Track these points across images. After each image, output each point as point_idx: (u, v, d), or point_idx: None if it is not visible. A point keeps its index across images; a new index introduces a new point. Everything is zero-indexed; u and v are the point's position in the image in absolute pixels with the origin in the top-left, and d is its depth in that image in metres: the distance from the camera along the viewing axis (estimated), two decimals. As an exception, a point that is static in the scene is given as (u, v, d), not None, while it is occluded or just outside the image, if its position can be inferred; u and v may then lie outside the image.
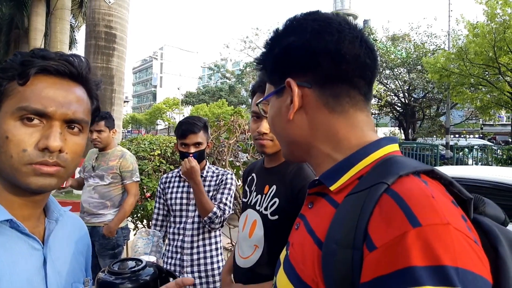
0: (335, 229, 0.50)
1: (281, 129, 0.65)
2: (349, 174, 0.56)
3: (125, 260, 1.07)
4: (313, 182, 0.64)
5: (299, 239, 0.62)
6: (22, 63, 0.61)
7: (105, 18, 5.45)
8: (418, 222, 0.41)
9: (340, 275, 0.47)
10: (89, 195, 2.67)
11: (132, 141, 3.93)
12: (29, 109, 0.59)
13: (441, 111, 20.40)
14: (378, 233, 0.44)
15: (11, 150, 0.58)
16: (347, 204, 0.52)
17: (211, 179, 1.96)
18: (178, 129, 1.90)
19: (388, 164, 0.53)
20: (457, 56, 11.62)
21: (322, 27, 0.59)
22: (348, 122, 0.60)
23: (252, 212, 1.28)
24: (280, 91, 0.63)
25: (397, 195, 0.45)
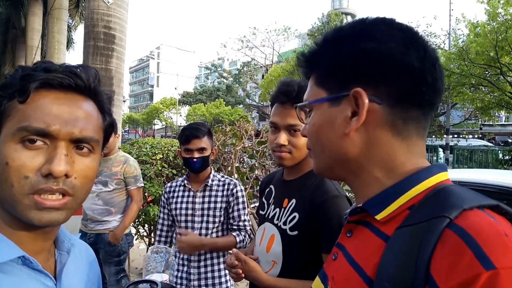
0: (388, 267, 0.45)
1: (330, 142, 0.57)
2: (398, 202, 0.51)
3: (139, 283, 1.01)
4: (354, 209, 0.57)
5: (341, 273, 0.56)
6: (23, 78, 0.53)
7: (104, 18, 5.37)
8: (492, 264, 0.36)
9: None
10: (93, 202, 2.62)
11: (133, 145, 3.87)
12: (30, 129, 0.51)
13: (440, 111, 20.46)
14: (442, 274, 0.39)
15: (12, 178, 0.50)
16: (401, 237, 0.46)
17: (217, 188, 1.89)
18: (182, 135, 1.84)
19: (445, 194, 0.47)
20: (458, 56, 11.62)
21: (409, 39, 0.53)
22: (409, 149, 0.54)
23: (270, 226, 1.23)
24: (338, 99, 0.55)
25: (463, 231, 0.40)
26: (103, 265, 2.65)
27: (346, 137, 0.55)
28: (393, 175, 0.54)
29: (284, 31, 26.54)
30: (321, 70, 0.59)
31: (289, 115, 1.16)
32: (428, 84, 0.52)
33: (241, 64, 31.27)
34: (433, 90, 0.53)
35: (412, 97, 0.53)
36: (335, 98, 0.56)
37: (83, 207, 2.67)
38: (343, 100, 0.55)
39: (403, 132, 0.53)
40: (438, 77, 0.53)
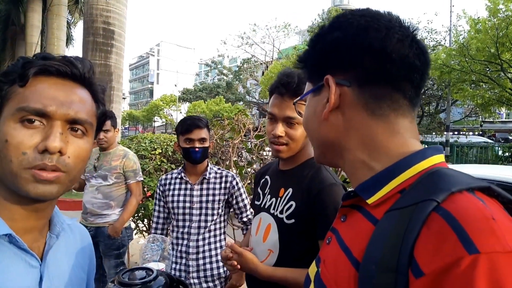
0: (375, 249, 0.46)
1: (314, 129, 0.62)
2: (389, 186, 0.51)
3: (135, 270, 1.01)
4: (348, 193, 0.58)
5: (332, 256, 0.57)
6: (23, 66, 0.58)
7: (103, 14, 5.37)
8: (475, 248, 0.36)
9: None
10: (92, 196, 2.63)
11: (133, 140, 3.88)
12: (28, 109, 0.55)
13: (440, 108, 20.42)
14: (425, 257, 0.39)
15: (11, 154, 0.54)
16: (388, 221, 0.46)
17: (215, 181, 1.90)
18: (183, 124, 1.84)
19: (436, 177, 0.47)
20: (459, 52, 11.56)
21: (369, 22, 0.55)
22: (388, 127, 0.55)
23: (266, 215, 1.23)
24: (318, 89, 0.60)
25: (450, 215, 0.40)
26: (103, 258, 2.66)
27: (325, 122, 0.58)
28: (378, 157, 0.54)
29: (284, 27, 26.47)
30: (308, 67, 0.64)
31: (288, 107, 1.16)
32: (394, 61, 0.53)
33: (241, 61, 31.20)
34: (403, 65, 0.53)
35: (378, 76, 0.54)
36: (315, 89, 0.61)
37: (83, 200, 2.69)
38: (322, 89, 0.59)
39: (376, 110, 0.54)
40: (409, 52, 0.53)
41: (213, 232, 1.87)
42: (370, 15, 0.56)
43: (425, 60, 0.55)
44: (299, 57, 0.66)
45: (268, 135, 1.23)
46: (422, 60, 0.54)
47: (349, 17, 0.57)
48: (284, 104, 1.17)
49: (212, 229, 1.87)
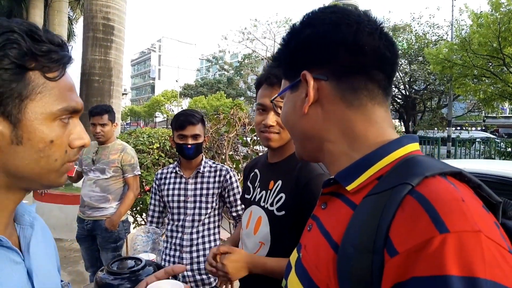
0: (353, 232, 0.48)
1: (294, 124, 0.63)
2: (368, 173, 0.53)
3: (124, 259, 1.04)
4: (327, 181, 0.60)
5: (312, 241, 0.59)
6: (44, 53, 0.51)
7: (103, 10, 5.37)
8: (445, 228, 0.38)
9: (357, 280, 0.44)
10: (90, 189, 2.66)
11: (131, 134, 3.90)
12: (70, 109, 0.55)
13: (442, 103, 20.25)
14: (400, 237, 0.41)
15: (56, 154, 0.54)
16: (366, 205, 0.49)
17: (209, 175, 1.91)
18: (176, 120, 1.84)
19: (411, 164, 0.50)
20: (460, 47, 11.42)
21: (340, 18, 0.57)
22: (366, 117, 0.57)
23: (256, 208, 1.25)
24: (295, 85, 0.62)
25: (423, 197, 0.42)
26: (100, 251, 2.70)
27: (305, 116, 0.60)
28: (358, 146, 0.57)
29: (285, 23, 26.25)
30: (283, 65, 0.66)
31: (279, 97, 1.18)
32: (367, 53, 0.55)
33: (242, 57, 31.01)
34: (375, 57, 0.56)
35: (354, 68, 0.56)
36: (293, 85, 0.62)
37: (81, 194, 2.71)
38: (300, 85, 0.61)
39: (354, 101, 0.57)
40: (380, 44, 0.56)
41: (207, 226, 1.89)
42: (340, 12, 0.58)
43: (394, 51, 0.58)
44: (274, 56, 0.69)
45: (258, 125, 1.24)
46: (392, 51, 0.57)
47: (320, 15, 0.60)
48: (274, 94, 1.17)
49: (206, 223, 1.89)
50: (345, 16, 0.57)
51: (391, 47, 0.57)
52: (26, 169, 0.52)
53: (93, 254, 2.74)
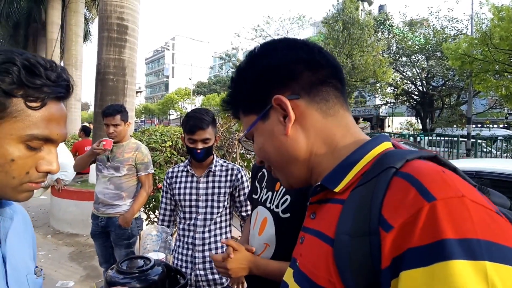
0: (345, 221, 0.49)
1: (278, 150, 0.63)
2: (352, 172, 0.56)
3: (134, 259, 1.05)
4: (314, 189, 0.60)
5: (307, 247, 0.59)
6: (30, 83, 0.58)
7: (117, 10, 5.44)
8: (432, 197, 0.41)
9: (357, 266, 0.45)
10: (104, 186, 2.71)
11: (144, 132, 3.95)
12: (39, 137, 0.61)
13: (462, 99, 19.69)
14: (392, 213, 0.43)
15: (14, 172, 0.60)
16: (354, 195, 0.51)
17: (220, 174, 1.91)
18: (186, 123, 1.82)
19: (390, 155, 0.53)
20: (481, 41, 11.05)
21: (290, 44, 0.63)
22: (341, 123, 0.62)
23: (262, 209, 1.24)
24: (266, 114, 0.63)
25: (408, 175, 0.45)
26: (114, 248, 2.74)
27: (288, 139, 0.61)
28: (339, 151, 0.60)
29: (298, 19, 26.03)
30: (243, 103, 0.67)
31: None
32: (323, 66, 0.62)
33: (256, 54, 30.97)
34: (331, 68, 0.62)
35: (319, 80, 0.61)
36: (263, 114, 0.63)
37: (95, 191, 2.77)
38: (270, 112, 0.62)
39: (329, 110, 0.61)
40: (329, 57, 0.63)
41: (219, 224, 1.89)
42: (286, 41, 0.65)
43: (335, 60, 0.66)
44: (225, 102, 0.71)
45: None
46: (336, 63, 0.65)
47: (269, 47, 0.65)
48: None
49: (218, 221, 1.89)
50: (293, 41, 0.64)
51: (330, 58, 0.64)
52: None
53: (107, 250, 2.80)
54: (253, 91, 0.64)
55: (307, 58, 0.61)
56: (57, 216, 4.95)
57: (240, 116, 0.70)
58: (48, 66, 0.62)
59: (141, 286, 0.97)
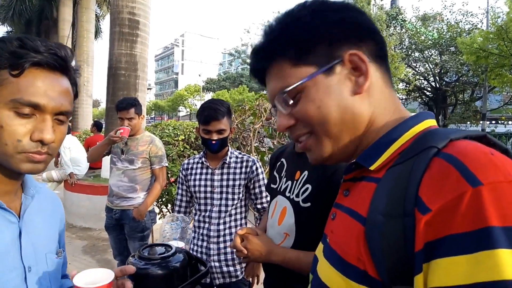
0: (379, 201, 0.47)
1: (341, 109, 0.56)
2: (390, 151, 0.53)
3: (155, 246, 1.04)
4: (349, 166, 0.58)
5: (339, 225, 0.58)
6: (14, 54, 0.62)
7: (128, 5, 5.46)
8: (478, 181, 0.37)
9: (390, 247, 0.43)
10: (119, 179, 2.72)
11: (157, 127, 3.98)
12: (23, 102, 0.62)
13: (476, 95, 19.33)
14: (431, 196, 0.40)
15: (5, 139, 0.62)
16: (391, 175, 0.49)
17: (235, 166, 1.89)
18: (201, 114, 1.81)
19: (433, 133, 0.50)
20: (497, 35, 10.83)
21: (360, 10, 0.61)
22: (394, 97, 0.61)
23: (282, 199, 1.22)
24: (331, 68, 0.56)
25: (450, 156, 0.42)
26: (128, 240, 2.76)
27: (357, 100, 0.56)
28: (385, 125, 0.57)
29: (309, 14, 25.86)
30: (296, 50, 0.58)
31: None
32: (384, 42, 0.60)
33: (265, 50, 30.96)
34: (385, 48, 0.62)
35: (381, 52, 0.59)
36: (329, 68, 0.56)
37: (109, 183, 2.79)
38: (336, 67, 0.56)
39: (389, 82, 0.60)
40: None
41: (233, 217, 1.88)
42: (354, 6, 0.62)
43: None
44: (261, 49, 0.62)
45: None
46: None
47: (338, 3, 0.60)
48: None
49: (233, 214, 1.88)
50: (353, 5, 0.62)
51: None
52: None
53: (121, 243, 2.81)
54: (318, 41, 0.57)
55: (374, 28, 0.59)
56: (70, 210, 5.01)
57: (274, 68, 0.61)
58: (40, 42, 0.65)
59: (162, 273, 0.96)
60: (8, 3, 13.78)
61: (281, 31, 0.59)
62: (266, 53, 0.62)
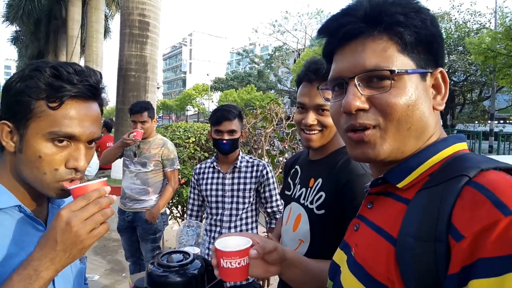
0: (410, 223, 0.49)
1: (423, 117, 0.55)
2: (419, 171, 0.55)
3: (173, 253, 1.08)
4: (375, 181, 0.60)
5: (364, 239, 0.59)
6: (51, 86, 0.66)
7: (139, 6, 5.50)
8: (510, 211, 0.40)
9: (421, 270, 0.45)
10: (131, 182, 2.77)
11: (167, 129, 4.01)
12: (60, 134, 0.66)
13: (484, 95, 19.11)
14: (464, 223, 0.42)
15: (45, 168, 0.67)
16: (422, 198, 0.50)
17: (246, 170, 1.93)
18: (213, 116, 1.87)
19: (463, 159, 0.51)
20: (505, 35, 10.72)
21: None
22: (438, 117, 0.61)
23: (296, 205, 1.24)
24: (424, 74, 0.57)
25: (481, 186, 0.44)
26: (140, 242, 2.81)
27: (432, 113, 0.57)
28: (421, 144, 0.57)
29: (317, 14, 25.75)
30: (410, 36, 0.55)
31: (318, 95, 1.12)
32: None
33: (273, 49, 30.84)
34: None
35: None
36: (425, 73, 0.56)
37: (122, 186, 2.83)
38: (427, 75, 0.57)
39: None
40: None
41: (244, 220, 1.91)
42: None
43: None
44: (410, 18, 0.55)
45: (298, 124, 1.21)
46: None
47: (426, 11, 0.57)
48: (314, 91, 1.13)
49: (243, 217, 1.91)
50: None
51: None
52: (25, 173, 0.68)
53: (133, 244, 2.86)
54: (431, 43, 0.57)
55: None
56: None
57: (387, 44, 0.55)
58: (72, 71, 0.68)
59: (181, 280, 0.99)
60: (17, 3, 13.86)
61: (407, 8, 0.55)
62: (378, 18, 0.55)
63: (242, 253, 0.71)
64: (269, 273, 0.75)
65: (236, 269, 0.71)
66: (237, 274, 0.71)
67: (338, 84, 0.60)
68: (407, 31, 0.54)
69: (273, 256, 0.74)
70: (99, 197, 0.65)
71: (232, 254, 0.71)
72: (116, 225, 2.90)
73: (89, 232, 0.63)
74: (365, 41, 0.55)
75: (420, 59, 0.56)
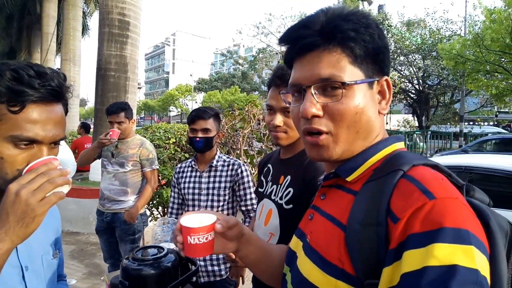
0: (357, 212, 0.58)
1: (369, 122, 0.65)
2: (364, 167, 0.65)
3: (148, 248, 1.12)
4: (328, 175, 0.69)
5: (318, 227, 0.68)
6: (11, 90, 0.66)
7: (118, 5, 5.38)
8: (433, 196, 0.50)
9: (365, 250, 0.54)
10: (110, 182, 2.74)
11: (147, 129, 4.00)
12: (22, 138, 0.67)
13: (455, 98, 19.96)
14: (399, 208, 0.52)
15: (6, 169, 0.68)
16: (367, 189, 0.60)
17: (222, 169, 1.98)
18: (189, 115, 1.98)
19: (399, 157, 0.62)
20: (473, 42, 11.28)
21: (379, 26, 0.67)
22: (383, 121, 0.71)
23: (268, 201, 1.31)
24: (372, 83, 0.65)
25: (413, 178, 0.55)
26: (119, 243, 2.78)
27: (378, 116, 0.66)
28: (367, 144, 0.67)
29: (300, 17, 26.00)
30: (360, 50, 0.62)
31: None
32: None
33: (257, 51, 30.86)
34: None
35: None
36: (373, 81, 0.65)
37: (101, 187, 2.80)
38: (374, 83, 0.65)
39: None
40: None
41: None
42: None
43: None
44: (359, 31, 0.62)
45: (268, 125, 1.30)
46: None
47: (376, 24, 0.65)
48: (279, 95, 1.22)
49: (219, 216, 1.96)
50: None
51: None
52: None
53: (112, 246, 2.82)
54: (378, 54, 0.64)
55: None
56: (57, 213, 4.94)
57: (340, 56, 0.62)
58: (33, 74, 0.68)
59: (155, 272, 1.03)
60: (-13, -3, 13.14)
61: (357, 24, 0.62)
62: (333, 33, 0.61)
63: (208, 228, 0.72)
64: (227, 249, 0.79)
65: (203, 244, 0.72)
66: (204, 249, 0.73)
67: (297, 90, 0.67)
68: (357, 45, 0.61)
69: (234, 232, 0.76)
70: (48, 170, 0.65)
71: (200, 230, 0.71)
72: (95, 226, 2.86)
73: (39, 201, 0.63)
74: (321, 54, 0.62)
75: (368, 69, 0.63)
